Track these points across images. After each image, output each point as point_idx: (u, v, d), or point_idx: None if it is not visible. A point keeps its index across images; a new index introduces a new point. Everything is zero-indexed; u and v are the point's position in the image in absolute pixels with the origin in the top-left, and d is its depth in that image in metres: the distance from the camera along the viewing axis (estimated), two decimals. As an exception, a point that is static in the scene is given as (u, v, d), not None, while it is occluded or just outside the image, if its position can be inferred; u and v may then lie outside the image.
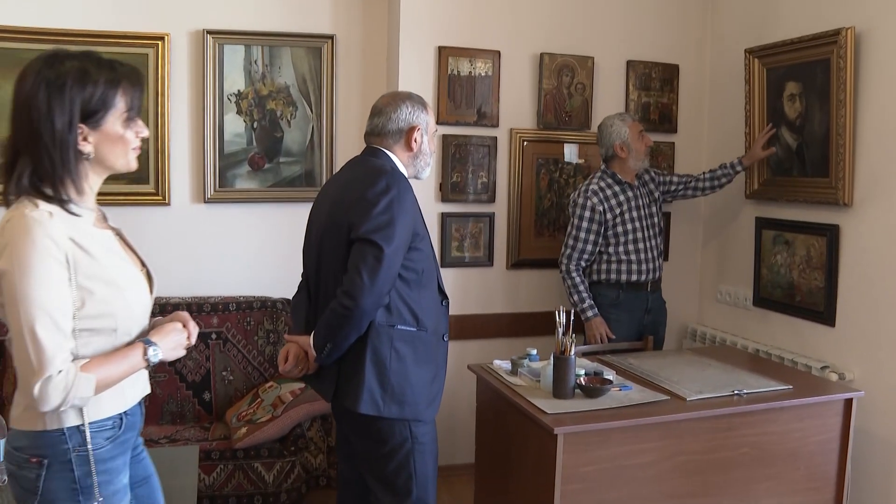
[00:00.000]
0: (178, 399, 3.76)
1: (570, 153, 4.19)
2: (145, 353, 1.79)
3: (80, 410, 1.72)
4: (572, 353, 2.78)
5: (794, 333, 3.77)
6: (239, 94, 3.96)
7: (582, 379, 2.88)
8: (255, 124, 3.99)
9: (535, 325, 4.11)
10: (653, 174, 3.97)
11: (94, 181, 1.79)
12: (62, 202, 1.70)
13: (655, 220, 3.88)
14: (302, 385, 3.62)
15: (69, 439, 1.71)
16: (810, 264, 3.66)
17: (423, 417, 2.54)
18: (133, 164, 1.83)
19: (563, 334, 2.78)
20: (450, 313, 4.06)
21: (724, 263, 4.33)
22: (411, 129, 2.62)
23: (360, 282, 2.34)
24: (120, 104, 1.74)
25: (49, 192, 1.69)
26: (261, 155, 4.02)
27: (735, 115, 4.09)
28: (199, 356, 3.79)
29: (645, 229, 3.80)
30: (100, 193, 1.83)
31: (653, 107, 4.30)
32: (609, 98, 4.24)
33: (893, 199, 3.26)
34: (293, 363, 2.56)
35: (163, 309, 3.77)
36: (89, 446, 1.73)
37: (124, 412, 1.83)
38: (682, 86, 4.37)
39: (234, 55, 3.94)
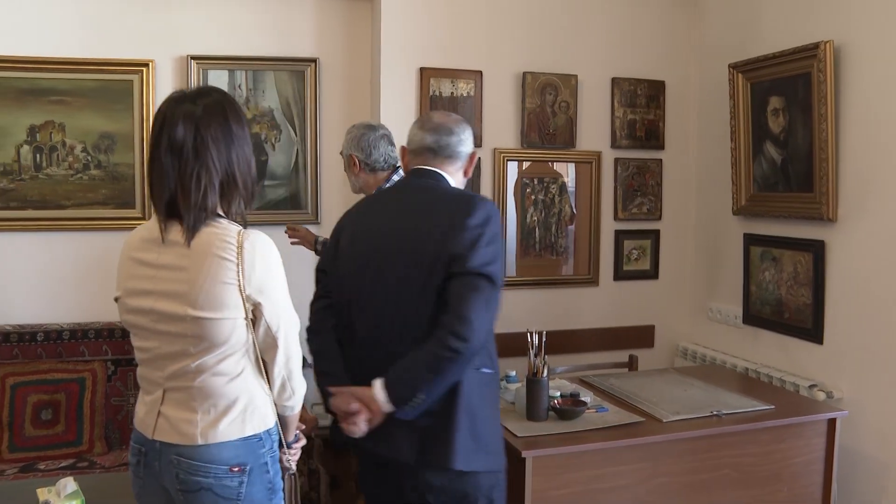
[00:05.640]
0: (163, 423, 3.75)
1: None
2: None
3: (269, 417, 1.90)
4: (545, 375, 2.76)
5: (783, 351, 3.72)
6: (223, 119, 3.97)
7: (556, 401, 2.85)
8: (240, 148, 4.00)
9: (523, 344, 4.07)
10: None
11: None
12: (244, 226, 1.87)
13: None
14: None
15: (264, 444, 1.87)
16: (797, 280, 3.61)
17: (504, 466, 2.32)
18: None
19: (535, 356, 2.75)
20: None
21: (715, 280, 4.28)
22: (473, 155, 2.40)
23: (472, 319, 2.05)
24: None
25: (238, 217, 1.87)
26: (246, 178, 4.03)
27: (722, 130, 4.05)
28: (184, 380, 3.79)
29: None
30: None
31: (639, 123, 4.28)
32: (594, 116, 4.22)
33: (877, 214, 3.21)
34: (366, 417, 2.15)
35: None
36: (274, 447, 1.92)
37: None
38: (669, 102, 4.35)
39: (218, 80, 3.96)
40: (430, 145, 2.29)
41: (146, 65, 3.86)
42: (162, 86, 3.90)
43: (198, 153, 1.77)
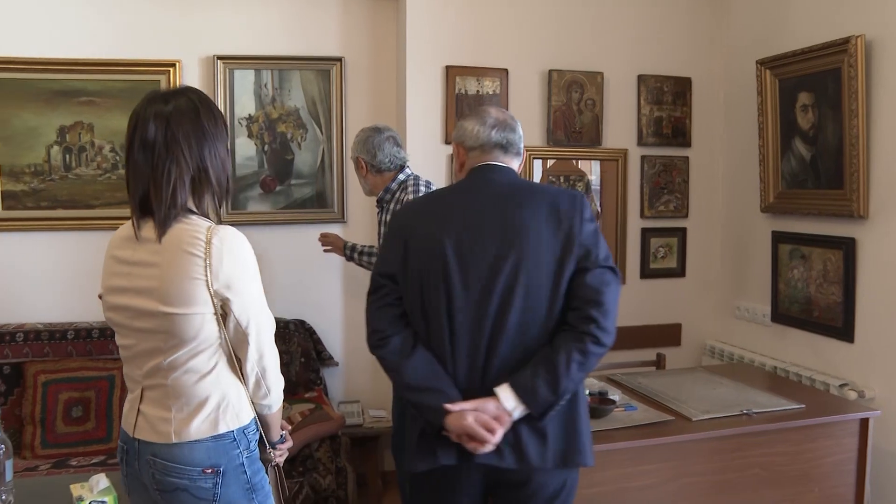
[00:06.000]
0: (191, 421, 3.78)
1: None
2: None
3: (243, 414, 1.88)
4: (573, 373, 2.74)
5: (813, 350, 3.68)
6: (250, 118, 4.00)
7: (585, 399, 2.84)
8: (266, 147, 4.03)
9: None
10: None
11: None
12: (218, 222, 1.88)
13: None
14: (312, 406, 3.63)
15: (239, 444, 1.85)
16: (827, 279, 3.57)
17: None
18: None
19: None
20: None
21: (742, 278, 4.25)
22: (524, 151, 2.35)
23: (613, 312, 2.05)
24: None
25: (210, 213, 1.88)
26: (272, 177, 4.06)
27: (750, 127, 4.02)
28: (212, 378, 3.82)
29: None
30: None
31: (665, 121, 4.25)
32: (620, 113, 4.20)
33: (909, 211, 3.18)
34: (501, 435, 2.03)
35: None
36: (251, 446, 1.89)
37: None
38: (696, 99, 4.31)
39: (245, 79, 3.99)
40: (499, 142, 2.20)
41: (173, 65, 3.89)
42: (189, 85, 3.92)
43: (168, 148, 1.78)
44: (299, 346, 3.92)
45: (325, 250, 3.64)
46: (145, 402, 1.85)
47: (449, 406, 2.01)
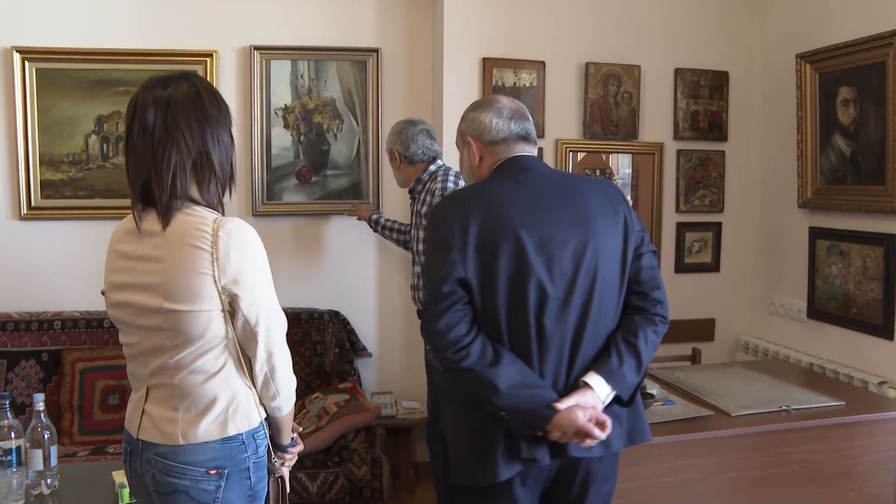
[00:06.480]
0: (226, 409, 3.81)
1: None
2: None
3: (253, 416, 1.81)
4: (612, 367, 2.73)
5: (850, 347, 3.64)
6: (286, 109, 4.02)
7: (623, 393, 2.83)
8: (302, 138, 4.05)
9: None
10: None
11: None
12: (222, 212, 1.81)
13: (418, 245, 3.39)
14: (347, 396, 3.64)
15: (247, 447, 1.78)
16: (866, 275, 3.54)
17: None
18: None
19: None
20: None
21: (778, 274, 4.21)
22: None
23: (665, 293, 2.15)
24: None
25: (216, 203, 1.80)
26: (308, 168, 4.07)
27: (787, 122, 3.98)
28: (246, 367, 3.84)
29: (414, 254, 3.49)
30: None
31: (702, 115, 4.22)
32: (657, 107, 4.17)
33: (953, 208, 3.13)
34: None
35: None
36: (259, 451, 1.82)
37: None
38: (733, 93, 4.27)
39: (281, 70, 4.00)
40: (521, 133, 2.14)
41: (210, 55, 3.91)
42: (225, 76, 3.95)
43: (168, 132, 1.70)
44: (333, 336, 3.93)
45: (357, 218, 3.95)
46: (150, 402, 1.78)
47: (558, 405, 1.92)
